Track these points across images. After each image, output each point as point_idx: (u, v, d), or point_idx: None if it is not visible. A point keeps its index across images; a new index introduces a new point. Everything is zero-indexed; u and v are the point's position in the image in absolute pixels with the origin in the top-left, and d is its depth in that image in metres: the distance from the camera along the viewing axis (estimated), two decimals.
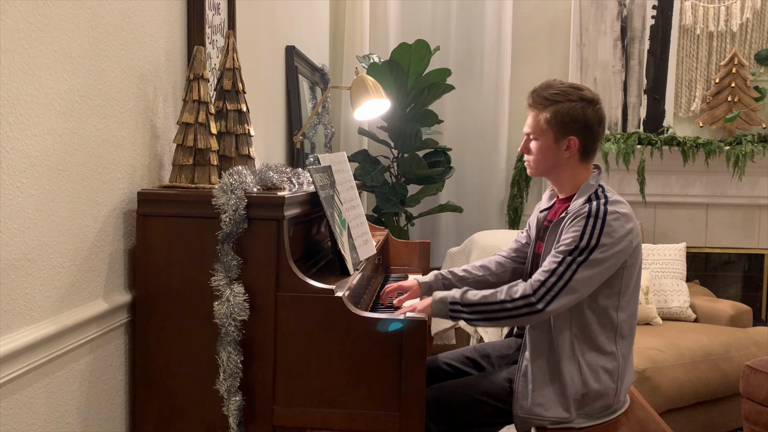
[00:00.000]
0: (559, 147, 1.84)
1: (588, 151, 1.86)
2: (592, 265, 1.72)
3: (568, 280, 1.72)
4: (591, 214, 1.75)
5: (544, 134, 1.85)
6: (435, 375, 2.03)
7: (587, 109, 1.82)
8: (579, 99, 1.82)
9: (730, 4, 4.26)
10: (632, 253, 1.79)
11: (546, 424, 1.80)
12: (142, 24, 1.69)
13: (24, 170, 1.26)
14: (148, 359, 1.64)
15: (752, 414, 2.64)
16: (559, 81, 1.88)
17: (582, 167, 1.88)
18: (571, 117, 1.81)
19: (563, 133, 1.83)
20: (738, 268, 4.56)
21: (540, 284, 1.73)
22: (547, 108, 1.83)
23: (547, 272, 1.74)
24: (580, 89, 1.85)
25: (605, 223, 1.73)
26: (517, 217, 4.31)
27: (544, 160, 1.88)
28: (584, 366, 1.79)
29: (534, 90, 1.88)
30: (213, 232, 1.57)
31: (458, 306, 1.80)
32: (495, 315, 1.77)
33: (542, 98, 1.84)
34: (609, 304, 1.80)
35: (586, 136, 1.84)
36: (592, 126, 1.83)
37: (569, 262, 1.72)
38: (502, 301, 1.76)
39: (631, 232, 1.77)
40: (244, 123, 1.93)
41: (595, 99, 1.85)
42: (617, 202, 1.79)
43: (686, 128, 4.37)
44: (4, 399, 1.23)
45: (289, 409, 1.62)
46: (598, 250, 1.72)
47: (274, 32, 2.84)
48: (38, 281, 1.32)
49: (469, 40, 4.34)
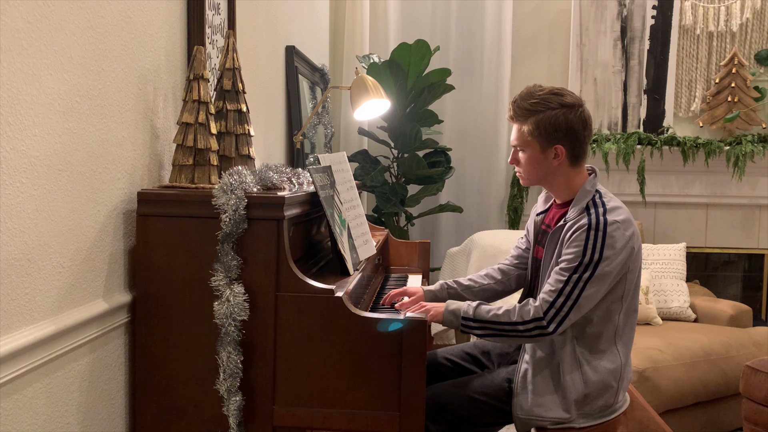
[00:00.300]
0: (546, 156, 1.82)
1: (577, 156, 1.84)
2: (598, 280, 1.72)
3: (576, 298, 1.71)
4: (591, 227, 1.73)
5: (529, 145, 1.83)
6: (434, 370, 2.03)
7: (569, 115, 1.79)
8: (559, 106, 1.79)
9: (730, 4, 4.26)
10: (634, 258, 1.79)
11: (546, 425, 1.80)
12: (142, 24, 1.69)
13: (24, 170, 1.26)
14: (148, 359, 1.64)
15: (752, 414, 2.64)
16: (539, 87, 1.84)
17: (574, 172, 1.85)
18: (553, 126, 1.78)
19: (549, 143, 1.80)
20: (738, 268, 4.56)
21: (549, 305, 1.72)
22: (529, 119, 1.81)
23: (555, 292, 1.72)
24: (560, 95, 1.81)
25: (606, 235, 1.71)
26: (517, 217, 4.31)
27: (534, 171, 1.86)
28: (585, 368, 1.79)
29: (514, 101, 1.85)
30: (213, 232, 1.57)
31: (470, 321, 1.78)
32: (506, 334, 1.76)
33: (523, 110, 1.82)
34: (614, 309, 1.80)
35: (573, 142, 1.81)
36: (576, 131, 1.80)
37: (576, 281, 1.71)
38: (514, 322, 1.75)
39: (632, 238, 1.76)
40: (244, 123, 1.93)
41: (576, 103, 1.81)
42: (615, 209, 1.77)
43: (686, 128, 4.37)
44: (4, 399, 1.23)
45: (289, 409, 1.62)
46: (603, 263, 1.71)
47: (274, 32, 2.84)
48: (38, 281, 1.32)
49: (469, 40, 4.34)
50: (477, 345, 2.13)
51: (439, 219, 4.40)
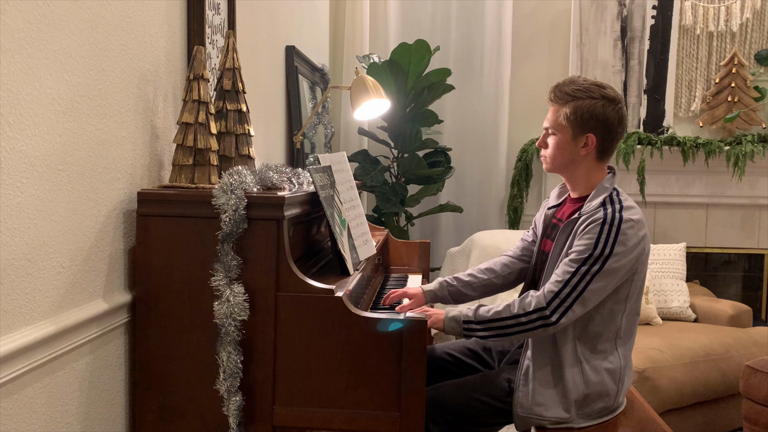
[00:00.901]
0: (576, 144, 1.83)
1: (605, 150, 1.85)
2: (605, 275, 1.72)
3: (582, 291, 1.71)
4: (606, 221, 1.73)
5: (562, 130, 1.84)
6: (435, 365, 2.02)
7: (608, 108, 1.81)
8: (601, 97, 1.81)
9: (730, 4, 4.26)
10: (644, 260, 1.79)
11: (546, 424, 1.80)
12: (142, 24, 1.69)
13: (24, 170, 1.26)
14: (148, 359, 1.64)
15: (752, 414, 2.64)
16: (583, 78, 1.86)
17: (597, 167, 1.86)
18: (591, 114, 1.80)
19: (582, 130, 1.81)
20: (738, 268, 4.56)
21: (554, 296, 1.72)
22: (568, 104, 1.82)
23: (561, 283, 1.73)
24: (603, 87, 1.83)
25: (620, 231, 1.72)
26: (517, 217, 4.31)
27: (560, 156, 1.86)
28: (587, 368, 1.79)
29: (556, 85, 1.86)
30: (213, 232, 1.57)
31: (472, 324, 1.79)
32: (510, 330, 1.76)
33: (564, 93, 1.83)
34: (617, 309, 1.80)
35: (605, 135, 1.82)
36: (611, 125, 1.82)
37: (584, 273, 1.71)
38: (516, 315, 1.75)
39: (643, 239, 1.76)
40: (244, 123, 1.93)
41: (617, 98, 1.83)
42: (631, 208, 1.78)
43: (686, 128, 4.37)
44: (4, 399, 1.23)
45: (289, 409, 1.62)
46: (612, 259, 1.71)
47: (274, 32, 2.84)
48: (38, 281, 1.32)
49: (469, 40, 4.34)
50: (479, 341, 2.12)
51: (439, 219, 4.40)
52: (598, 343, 1.80)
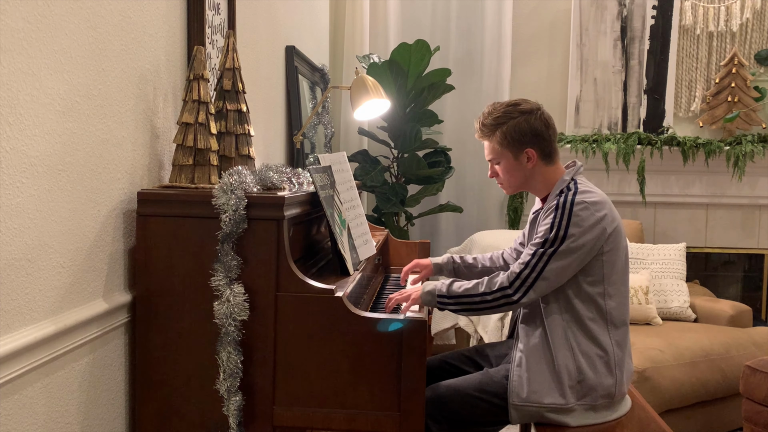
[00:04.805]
0: (521, 162, 1.94)
1: (548, 154, 1.95)
2: (563, 256, 1.81)
3: (540, 270, 1.81)
4: (559, 206, 1.84)
5: (503, 155, 1.96)
6: (433, 374, 2.05)
7: (530, 120, 1.92)
8: (519, 114, 1.92)
9: (730, 4, 4.26)
10: (608, 240, 1.84)
11: (543, 411, 1.82)
12: (142, 24, 1.69)
13: (24, 170, 1.26)
14: (148, 359, 1.64)
15: (752, 414, 2.64)
16: (498, 104, 1.98)
17: (550, 170, 1.96)
18: (519, 132, 1.91)
19: (519, 148, 1.93)
20: (738, 268, 4.56)
21: (515, 276, 1.84)
22: (495, 132, 1.94)
23: (523, 264, 1.84)
24: (517, 104, 1.94)
25: (572, 214, 1.82)
26: (517, 217, 4.31)
27: (513, 178, 1.98)
28: (578, 352, 1.83)
29: (479, 121, 1.98)
30: (213, 232, 1.58)
31: (445, 298, 1.89)
32: (477, 306, 1.87)
33: (489, 126, 1.95)
34: (594, 292, 1.86)
35: (540, 143, 1.93)
36: (540, 132, 1.92)
37: (541, 255, 1.82)
38: (482, 293, 1.86)
39: (603, 219, 1.83)
40: (244, 123, 1.93)
41: (533, 108, 1.94)
42: (586, 192, 1.87)
43: (686, 128, 4.37)
44: (4, 399, 1.23)
45: (289, 409, 1.62)
46: (568, 240, 1.81)
47: (274, 32, 2.84)
48: (38, 281, 1.32)
49: (469, 40, 4.34)
50: (477, 349, 2.17)
51: (439, 219, 4.40)
52: (587, 328, 1.85)
